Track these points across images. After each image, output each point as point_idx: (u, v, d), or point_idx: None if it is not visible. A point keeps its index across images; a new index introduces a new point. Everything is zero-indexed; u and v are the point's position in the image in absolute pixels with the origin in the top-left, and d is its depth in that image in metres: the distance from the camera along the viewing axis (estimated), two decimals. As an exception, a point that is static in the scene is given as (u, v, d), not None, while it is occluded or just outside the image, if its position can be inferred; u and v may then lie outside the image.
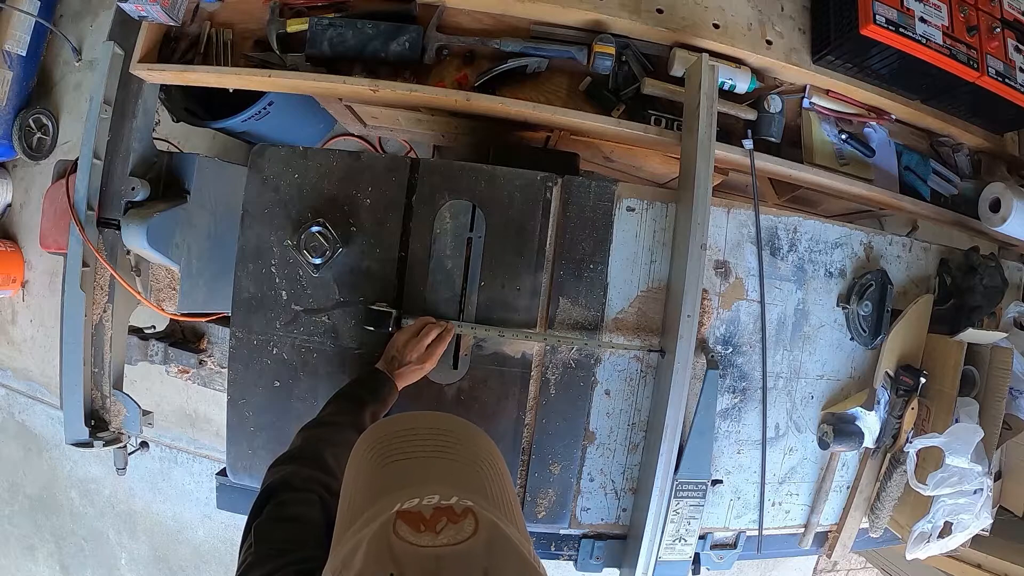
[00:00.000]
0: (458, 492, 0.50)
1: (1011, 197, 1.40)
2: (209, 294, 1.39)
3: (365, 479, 0.57)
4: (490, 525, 0.48)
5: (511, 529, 0.50)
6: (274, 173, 1.17)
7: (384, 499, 0.51)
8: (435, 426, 0.62)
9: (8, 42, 2.34)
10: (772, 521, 1.34)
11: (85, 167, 1.22)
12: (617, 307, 1.22)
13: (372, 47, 1.24)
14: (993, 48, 1.31)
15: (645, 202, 1.22)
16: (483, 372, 1.19)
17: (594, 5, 1.23)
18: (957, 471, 1.24)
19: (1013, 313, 1.46)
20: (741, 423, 1.30)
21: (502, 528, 0.49)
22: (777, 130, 1.36)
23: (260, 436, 1.20)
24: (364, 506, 0.52)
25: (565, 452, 1.22)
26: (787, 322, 1.31)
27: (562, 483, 1.22)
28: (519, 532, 0.53)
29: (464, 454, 0.58)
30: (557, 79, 1.32)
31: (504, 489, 0.57)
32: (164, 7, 1.19)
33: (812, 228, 1.31)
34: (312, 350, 1.18)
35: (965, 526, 1.29)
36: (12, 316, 2.79)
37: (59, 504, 2.96)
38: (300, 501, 0.78)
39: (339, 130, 2.49)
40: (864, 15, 1.21)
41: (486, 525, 0.48)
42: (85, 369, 1.27)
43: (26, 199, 2.68)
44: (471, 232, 1.17)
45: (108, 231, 1.28)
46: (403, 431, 0.60)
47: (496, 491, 0.55)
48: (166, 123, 2.15)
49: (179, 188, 1.35)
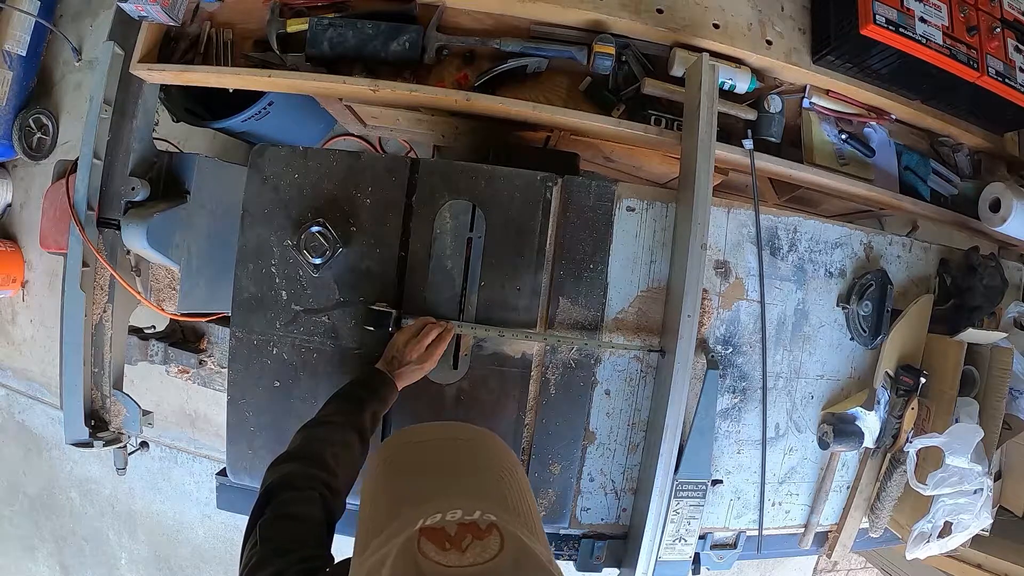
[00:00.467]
0: (480, 505, 0.51)
1: (1011, 197, 1.40)
2: (209, 294, 1.39)
3: (385, 488, 0.57)
4: (515, 541, 0.48)
5: (535, 543, 0.50)
6: (274, 173, 1.17)
7: (407, 511, 0.51)
8: (453, 435, 0.62)
9: (8, 42, 2.34)
10: (772, 521, 1.34)
11: (85, 167, 1.22)
12: (617, 307, 1.22)
13: (372, 47, 1.24)
14: (993, 48, 1.31)
15: (645, 202, 1.22)
16: (483, 372, 1.19)
17: (594, 5, 1.23)
18: (957, 471, 1.24)
19: (1013, 313, 1.46)
20: (741, 423, 1.30)
21: (527, 544, 0.49)
22: (777, 130, 1.36)
23: (260, 436, 1.20)
24: (386, 517, 0.53)
25: (565, 452, 1.22)
26: (787, 322, 1.31)
27: (562, 483, 1.22)
28: (542, 544, 0.53)
29: (483, 463, 0.59)
30: (557, 79, 1.32)
31: (524, 498, 0.57)
32: (164, 7, 1.18)
33: (812, 228, 1.31)
34: (312, 350, 1.18)
35: (965, 526, 1.29)
36: (12, 316, 2.79)
37: (59, 504, 2.96)
38: (301, 500, 0.78)
39: (339, 130, 2.49)
40: (864, 15, 1.21)
41: (511, 541, 0.48)
42: (85, 369, 1.27)
43: (26, 199, 2.68)
44: (471, 232, 1.17)
45: (108, 231, 1.28)
46: (421, 440, 0.61)
47: (516, 500, 0.55)
48: (166, 123, 2.15)
49: (179, 188, 1.35)
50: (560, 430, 1.21)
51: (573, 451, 1.22)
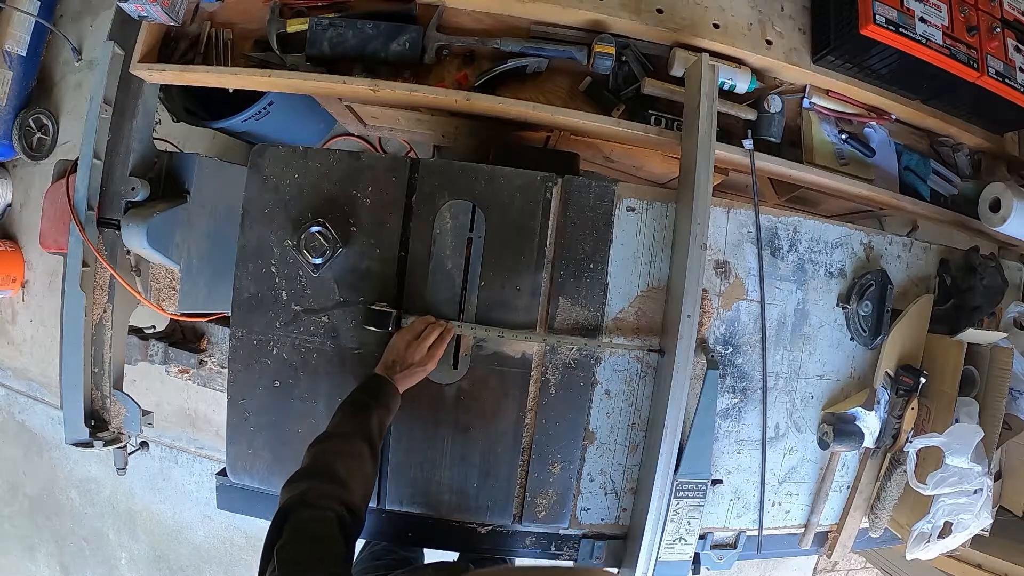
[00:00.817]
0: None
1: (1011, 197, 1.40)
2: (209, 294, 1.39)
3: None
4: None
5: None
6: (274, 173, 1.17)
7: None
8: None
9: (8, 42, 2.34)
10: (772, 521, 1.34)
11: (85, 167, 1.22)
12: (617, 307, 1.22)
13: (372, 47, 1.24)
14: (993, 48, 1.31)
15: (645, 202, 1.22)
16: (483, 372, 1.19)
17: (594, 5, 1.23)
18: (957, 471, 1.23)
19: (1013, 313, 1.46)
20: (741, 423, 1.30)
21: None
22: (777, 130, 1.36)
23: (260, 436, 1.20)
24: None
25: (565, 452, 1.22)
26: (787, 322, 1.30)
27: (562, 483, 1.22)
28: None
29: None
30: (557, 79, 1.32)
31: None
32: (164, 7, 1.19)
33: (812, 228, 1.31)
34: (312, 350, 1.18)
35: (965, 526, 1.29)
36: (12, 316, 2.79)
37: (59, 504, 2.96)
38: (318, 519, 0.78)
39: (339, 130, 2.49)
40: (864, 15, 1.21)
41: None
42: (85, 369, 1.27)
43: (26, 199, 2.68)
44: (471, 232, 1.17)
45: (108, 231, 1.28)
46: None
47: None
48: (166, 123, 2.15)
49: (179, 188, 1.35)
50: (560, 430, 1.21)
51: (573, 451, 1.22)
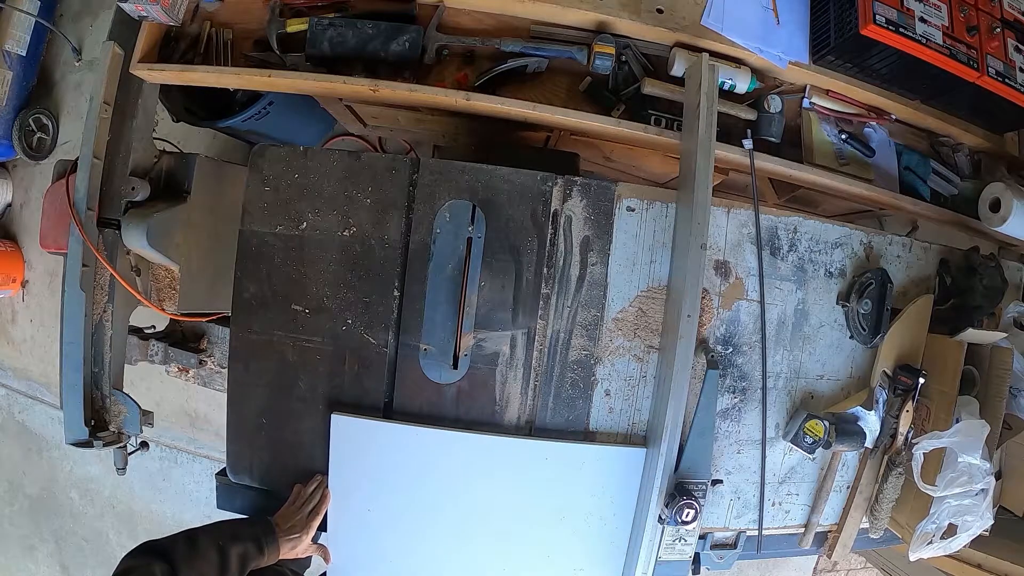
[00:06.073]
0: None
1: (1011, 197, 1.40)
2: (209, 294, 1.39)
3: None
4: None
5: None
6: (274, 173, 1.17)
7: None
8: None
9: (8, 42, 2.34)
10: (772, 521, 1.34)
11: (85, 167, 1.22)
12: (617, 307, 1.22)
13: (372, 47, 1.24)
14: (993, 48, 1.31)
15: (645, 202, 1.22)
16: (483, 372, 1.19)
17: (594, 5, 1.23)
18: (966, 469, 1.22)
19: (1013, 313, 1.46)
20: (741, 423, 1.30)
21: None
22: (777, 130, 1.36)
23: (260, 436, 1.20)
24: None
25: (565, 452, 1.22)
26: (787, 322, 1.30)
27: (562, 483, 1.22)
28: None
29: None
30: (557, 79, 1.32)
31: None
32: (164, 7, 1.18)
33: (812, 228, 1.31)
34: (312, 350, 1.18)
35: (968, 527, 1.29)
36: (12, 316, 2.79)
37: (59, 504, 2.96)
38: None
39: (339, 130, 2.49)
40: (864, 15, 1.21)
41: None
42: (85, 369, 1.27)
43: (26, 199, 2.68)
44: (471, 232, 1.17)
45: (108, 231, 1.27)
46: None
47: None
48: (166, 123, 2.15)
49: (179, 188, 1.35)
50: (560, 430, 1.21)
51: (573, 451, 1.22)
